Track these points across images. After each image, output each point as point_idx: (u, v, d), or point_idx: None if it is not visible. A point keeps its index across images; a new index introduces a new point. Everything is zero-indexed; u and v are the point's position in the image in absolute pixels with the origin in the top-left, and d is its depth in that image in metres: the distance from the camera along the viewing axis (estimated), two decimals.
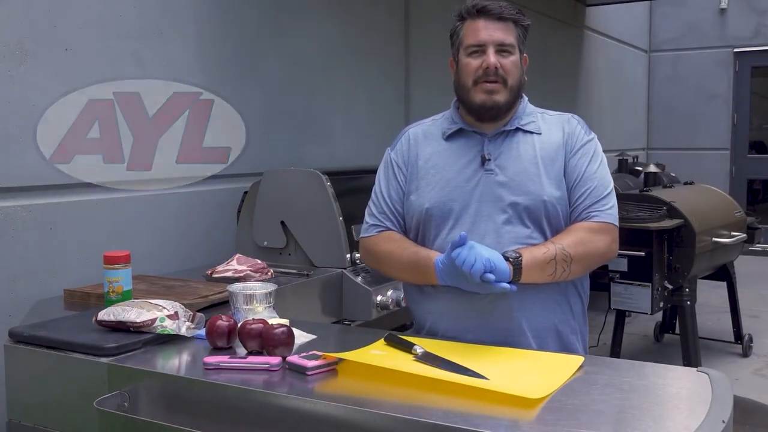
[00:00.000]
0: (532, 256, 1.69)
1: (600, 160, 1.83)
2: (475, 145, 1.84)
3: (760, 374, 4.39)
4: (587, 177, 1.79)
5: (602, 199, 1.78)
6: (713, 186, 4.96)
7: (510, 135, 1.83)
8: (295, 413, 1.35)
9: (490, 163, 1.80)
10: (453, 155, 1.85)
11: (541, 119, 1.87)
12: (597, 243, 1.76)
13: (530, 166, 1.79)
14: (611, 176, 1.87)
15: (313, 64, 3.64)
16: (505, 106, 1.81)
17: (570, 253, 1.71)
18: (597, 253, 1.77)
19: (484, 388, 1.35)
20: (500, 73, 1.78)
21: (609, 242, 1.78)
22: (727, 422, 1.23)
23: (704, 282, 4.58)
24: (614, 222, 1.80)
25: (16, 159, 2.36)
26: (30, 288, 2.38)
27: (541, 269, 1.70)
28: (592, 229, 1.76)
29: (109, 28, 2.63)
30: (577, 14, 7.10)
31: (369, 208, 1.94)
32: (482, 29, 1.79)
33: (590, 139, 1.85)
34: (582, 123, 1.88)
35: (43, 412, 1.71)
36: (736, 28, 8.56)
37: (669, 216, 3.98)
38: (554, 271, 1.71)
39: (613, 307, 4.08)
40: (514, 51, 1.81)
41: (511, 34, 1.80)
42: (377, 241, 1.89)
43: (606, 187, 1.81)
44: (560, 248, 1.71)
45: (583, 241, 1.74)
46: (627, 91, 8.57)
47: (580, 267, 1.76)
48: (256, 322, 1.60)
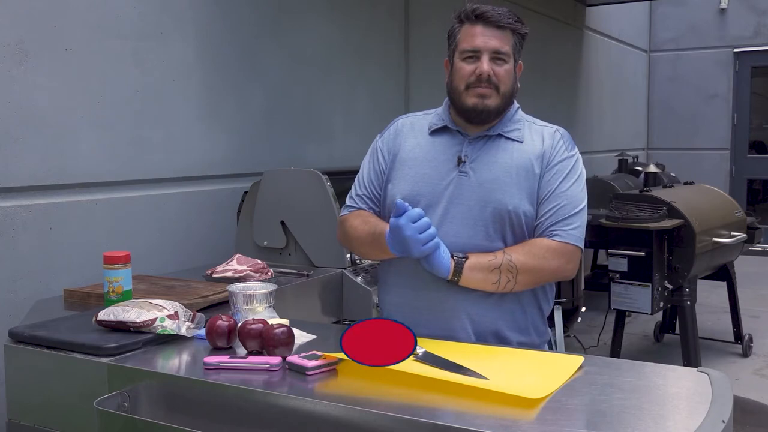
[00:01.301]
0: (477, 260, 1.72)
1: (575, 179, 1.81)
2: (455, 144, 1.84)
3: (760, 374, 4.39)
4: (557, 194, 1.78)
5: (568, 218, 1.77)
6: (713, 186, 4.96)
7: (491, 140, 1.83)
8: (295, 413, 1.35)
9: (464, 165, 1.81)
10: (433, 151, 1.86)
11: (527, 128, 1.86)
12: (550, 262, 1.75)
13: (503, 174, 1.78)
14: (586, 195, 1.84)
15: (313, 65, 3.64)
16: (495, 111, 1.81)
17: (516, 266, 1.72)
18: (548, 270, 1.77)
19: (484, 388, 1.35)
20: (493, 80, 1.78)
21: (563, 263, 1.77)
22: (727, 422, 1.23)
23: (704, 282, 4.58)
24: (575, 243, 1.77)
25: (16, 159, 2.36)
26: (30, 288, 2.38)
27: (484, 276, 1.72)
28: (549, 247, 1.75)
29: (109, 28, 2.63)
30: (577, 14, 7.10)
31: (350, 191, 1.98)
32: (479, 35, 1.78)
33: (569, 156, 1.82)
34: (566, 138, 1.86)
35: (43, 412, 1.71)
36: (736, 28, 8.57)
37: (669, 216, 3.98)
38: (498, 280, 1.72)
39: (613, 307, 4.08)
40: (509, 60, 1.80)
41: (508, 42, 1.80)
42: (347, 218, 1.93)
43: (575, 207, 1.78)
44: (508, 259, 1.72)
45: (536, 256, 1.74)
46: (627, 91, 8.57)
47: (527, 280, 1.76)
48: (256, 322, 1.60)
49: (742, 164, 8.66)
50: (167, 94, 2.87)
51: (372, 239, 1.83)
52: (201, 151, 3.04)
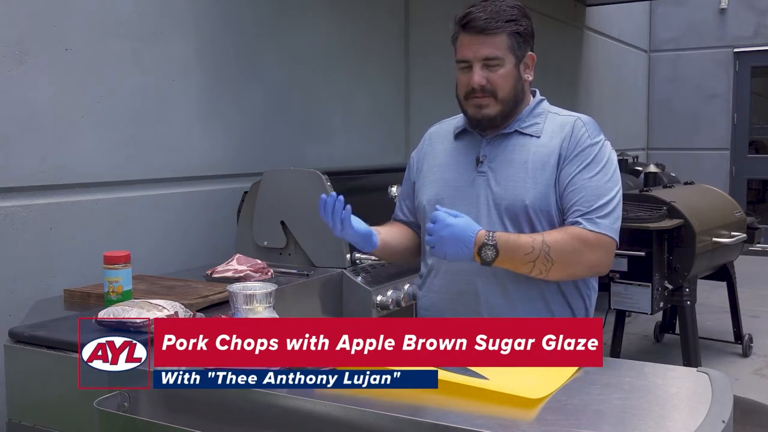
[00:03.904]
0: (512, 255, 1.67)
1: (601, 167, 1.74)
2: (475, 146, 1.85)
3: (760, 374, 4.39)
4: (581, 184, 1.72)
5: (596, 209, 1.70)
6: (713, 186, 4.96)
7: (507, 138, 1.82)
8: (295, 413, 1.35)
9: (483, 165, 1.81)
10: (456, 154, 1.87)
11: (549, 120, 1.82)
12: (587, 255, 1.69)
13: (519, 170, 1.77)
14: (618, 183, 1.76)
15: (313, 64, 3.64)
16: (498, 118, 1.79)
17: (552, 258, 1.67)
18: (583, 265, 1.72)
19: (484, 388, 1.35)
20: (488, 88, 1.75)
21: (601, 256, 1.71)
22: (727, 422, 1.23)
23: (704, 282, 4.58)
24: (610, 234, 1.70)
25: (16, 159, 2.36)
26: (30, 288, 2.38)
27: (515, 267, 1.70)
28: (586, 240, 1.69)
29: (109, 28, 2.63)
30: (577, 14, 7.10)
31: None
32: (467, 45, 1.76)
33: (592, 144, 1.76)
34: (590, 125, 1.80)
35: (43, 412, 1.71)
36: (736, 28, 8.56)
37: (669, 216, 3.98)
38: (530, 270, 1.69)
39: (613, 307, 4.08)
40: (504, 63, 1.75)
41: (501, 45, 1.74)
42: (386, 227, 1.98)
43: (602, 196, 1.71)
44: (545, 251, 1.67)
45: (573, 250, 1.69)
46: (627, 91, 8.57)
47: (560, 274, 1.72)
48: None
49: (742, 164, 8.66)
50: (167, 94, 2.87)
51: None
52: (201, 151, 3.04)
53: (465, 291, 1.80)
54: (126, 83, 2.71)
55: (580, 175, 1.73)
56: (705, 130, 8.78)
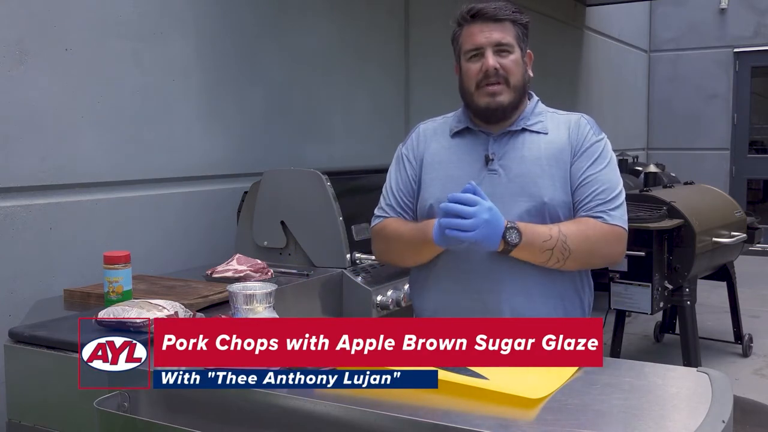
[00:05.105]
0: (531, 242, 1.69)
1: (607, 162, 1.80)
2: (480, 143, 1.84)
3: (760, 374, 4.39)
4: (593, 178, 1.77)
5: (609, 200, 1.76)
6: (713, 186, 4.96)
7: (515, 135, 1.82)
8: (295, 413, 1.35)
9: (493, 163, 1.80)
10: (458, 152, 1.86)
11: (550, 119, 1.85)
12: (603, 247, 1.75)
13: (534, 167, 1.78)
14: (621, 178, 1.83)
15: (313, 64, 3.64)
16: (510, 106, 1.80)
17: (570, 248, 1.70)
18: (599, 255, 1.77)
19: (484, 388, 1.35)
20: (501, 73, 1.78)
21: (615, 248, 1.77)
22: (727, 422, 1.23)
23: (704, 282, 4.58)
24: (622, 225, 1.77)
25: (16, 159, 2.36)
26: (30, 288, 2.38)
27: (532, 255, 1.71)
28: (602, 231, 1.74)
29: (109, 28, 2.63)
30: (577, 14, 7.10)
31: (378, 203, 1.97)
32: (478, 33, 1.79)
33: (598, 140, 1.82)
34: (593, 123, 1.86)
35: (43, 412, 1.71)
36: (736, 28, 8.57)
37: (669, 216, 3.98)
38: (547, 260, 1.71)
39: (613, 307, 4.08)
40: (514, 50, 1.79)
41: (509, 33, 1.79)
42: (384, 225, 1.92)
43: (614, 189, 1.77)
44: (563, 241, 1.70)
45: (589, 240, 1.73)
46: (627, 91, 8.57)
47: (576, 264, 1.76)
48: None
49: (742, 164, 8.66)
50: (167, 94, 2.87)
51: (416, 231, 1.81)
52: (201, 151, 3.04)
53: (484, 290, 1.78)
54: (126, 83, 2.71)
55: (591, 169, 1.78)
56: (705, 130, 8.78)
